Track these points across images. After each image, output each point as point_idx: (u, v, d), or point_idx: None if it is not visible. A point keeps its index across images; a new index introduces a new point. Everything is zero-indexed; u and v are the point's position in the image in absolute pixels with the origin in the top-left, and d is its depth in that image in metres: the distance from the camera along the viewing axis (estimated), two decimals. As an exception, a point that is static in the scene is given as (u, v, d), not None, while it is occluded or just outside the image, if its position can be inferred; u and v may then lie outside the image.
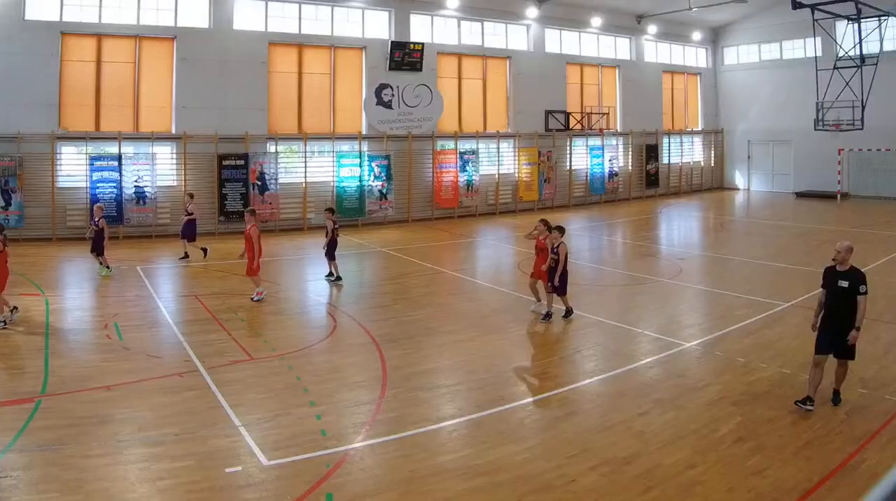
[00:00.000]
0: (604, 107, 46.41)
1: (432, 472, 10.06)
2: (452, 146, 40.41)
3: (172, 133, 33.50)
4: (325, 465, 10.15)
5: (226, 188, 33.97)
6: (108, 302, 20.37)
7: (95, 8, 31.91)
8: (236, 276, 23.22)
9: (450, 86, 41.06)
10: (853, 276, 11.96)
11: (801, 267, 24.60)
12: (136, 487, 9.56)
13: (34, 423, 11.41)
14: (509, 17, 42.74)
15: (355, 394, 13.13)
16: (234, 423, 11.60)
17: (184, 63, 33.56)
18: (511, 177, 42.82)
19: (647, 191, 49.11)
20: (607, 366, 14.74)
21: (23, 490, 9.31)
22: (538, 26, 43.76)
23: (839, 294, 12.00)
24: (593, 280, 23.89)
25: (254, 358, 15.07)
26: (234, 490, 9.56)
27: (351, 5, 37.72)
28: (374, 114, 38.23)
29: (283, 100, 36.31)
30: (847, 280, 11.95)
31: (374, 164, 37.57)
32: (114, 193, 31.93)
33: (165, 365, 14.52)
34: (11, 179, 30.17)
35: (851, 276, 11.97)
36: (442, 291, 22.41)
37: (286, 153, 36.32)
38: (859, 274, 11.98)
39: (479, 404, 12.63)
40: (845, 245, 12.11)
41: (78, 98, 32.00)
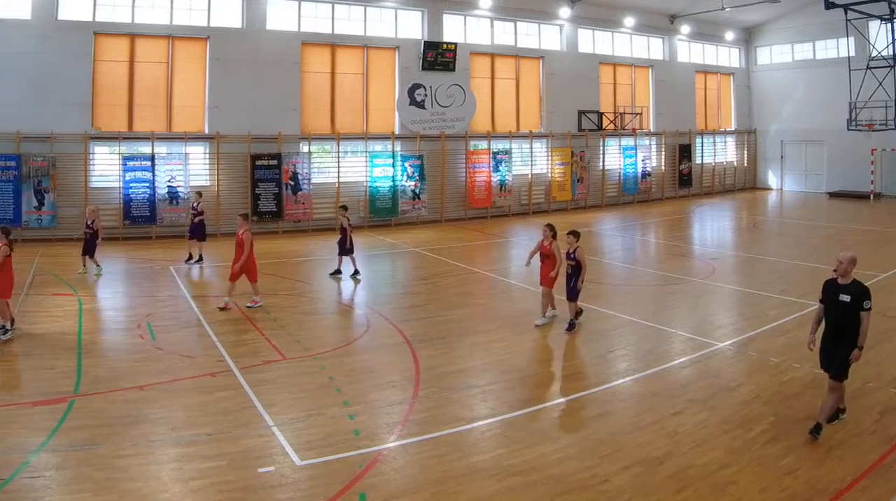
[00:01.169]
0: (637, 107, 44.76)
1: (465, 472, 9.81)
2: (485, 146, 38.94)
3: (205, 133, 32.33)
4: (358, 465, 9.90)
5: (259, 188, 32.72)
6: (141, 303, 19.68)
7: (128, 8, 30.78)
8: (268, 276, 22.40)
9: (483, 86, 39.57)
10: (856, 290, 10.74)
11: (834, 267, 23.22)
12: (168, 487, 9.34)
13: (67, 423, 11.13)
14: (542, 17, 41.17)
15: (388, 394, 12.76)
16: (267, 423, 11.32)
17: (217, 63, 32.36)
18: (544, 177, 41.27)
19: (680, 191, 47.32)
20: (640, 366, 14.28)
21: (56, 491, 9.10)
22: (571, 26, 42.16)
23: (840, 309, 10.80)
24: (626, 279, 23.13)
25: (287, 358, 14.64)
26: (267, 490, 9.33)
27: (384, 5, 36.39)
28: (407, 114, 36.86)
29: (315, 100, 35.03)
30: (849, 294, 10.73)
31: (406, 164, 36.25)
32: (147, 193, 30.78)
33: (198, 365, 14.15)
34: (44, 179, 29.09)
35: (854, 290, 10.74)
36: (475, 291, 21.69)
37: (319, 153, 35.06)
38: (863, 289, 10.75)
39: (512, 404, 12.31)
40: (848, 256, 10.90)
41: (111, 98, 30.88)
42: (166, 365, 14.10)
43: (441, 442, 10.71)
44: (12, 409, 11.66)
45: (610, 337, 16.34)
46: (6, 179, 28.57)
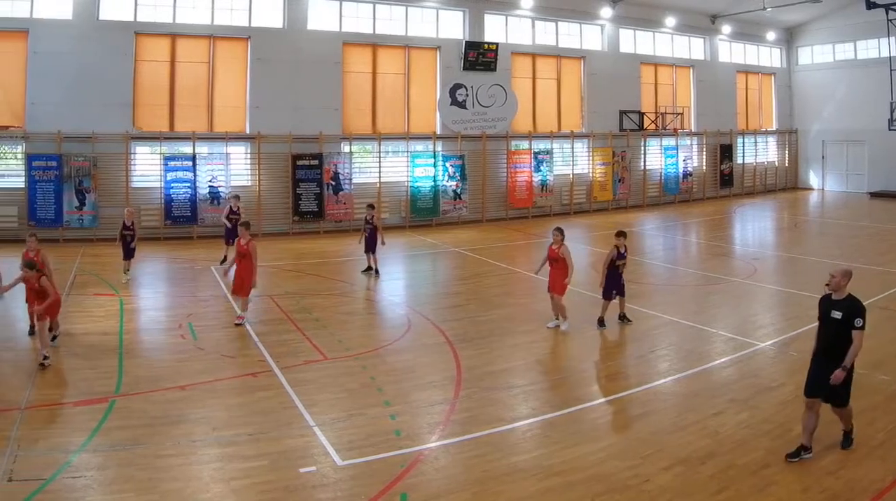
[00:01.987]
0: (678, 107, 42.65)
1: (506, 472, 9.56)
2: (527, 146, 37.26)
3: (246, 133, 30.92)
4: (400, 465, 9.67)
5: (300, 188, 31.31)
6: (183, 303, 19.09)
7: (169, 8, 29.49)
8: (310, 276, 22.21)
9: (524, 86, 37.72)
10: (849, 307, 9.72)
11: (875, 267, 22.98)
12: (210, 487, 9.12)
13: (108, 423, 10.86)
14: (583, 17, 39.29)
15: (429, 394, 12.42)
16: (309, 423, 11.04)
17: (258, 63, 30.94)
18: (585, 176, 39.40)
19: (721, 191, 45.19)
20: (681, 366, 13.92)
21: (97, 490, 8.87)
22: (612, 26, 40.25)
23: (832, 326, 9.80)
24: (667, 279, 22.50)
25: (328, 358, 14.29)
26: (308, 490, 9.09)
27: (425, 5, 34.80)
28: (449, 114, 35.26)
29: (357, 100, 33.48)
30: (841, 310, 9.72)
31: (448, 164, 34.64)
32: (188, 193, 29.46)
33: (239, 365, 13.88)
34: (86, 179, 27.89)
35: (847, 306, 9.73)
36: (516, 291, 20.92)
37: (360, 153, 33.63)
38: (856, 305, 9.74)
39: (554, 404, 12.05)
40: (840, 269, 9.91)
41: (152, 98, 29.56)
42: (207, 365, 13.76)
43: (482, 442, 10.43)
44: (54, 409, 11.25)
45: (651, 337, 15.86)
46: (47, 179, 27.38)
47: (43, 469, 9.24)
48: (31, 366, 13.31)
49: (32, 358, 13.71)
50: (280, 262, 24.68)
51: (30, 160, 27.30)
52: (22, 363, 13.68)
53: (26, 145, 27.40)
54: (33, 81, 27.41)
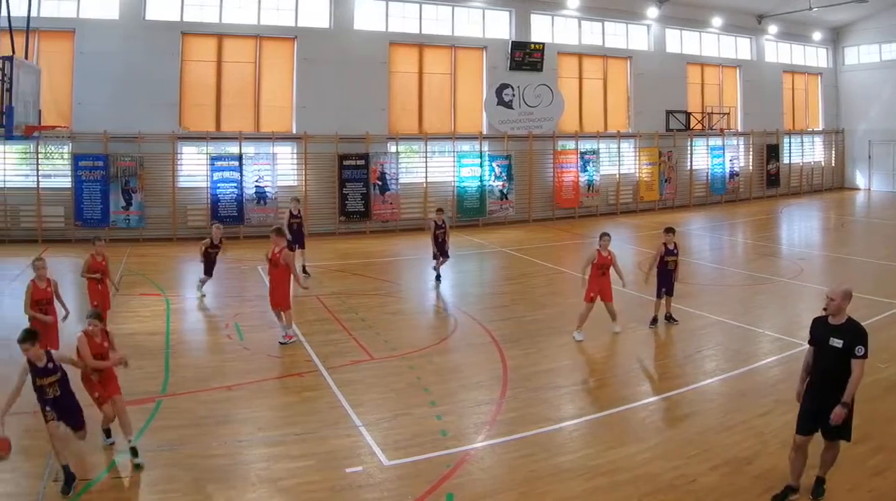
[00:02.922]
0: (724, 107, 39.95)
1: (552, 472, 9.11)
2: (573, 146, 35.00)
3: (293, 133, 29.15)
4: (446, 465, 9.23)
5: (346, 188, 29.50)
6: (229, 303, 18.14)
7: (216, 8, 27.83)
8: (356, 276, 21.28)
9: (570, 86, 35.42)
10: (851, 333, 8.02)
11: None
12: (256, 487, 8.75)
13: (155, 423, 10.49)
14: (630, 17, 36.87)
15: (476, 394, 11.86)
16: (355, 423, 10.55)
17: (304, 63, 29.17)
18: (632, 176, 37.04)
19: (768, 191, 42.37)
20: (728, 366, 13.24)
21: (143, 491, 8.62)
22: (659, 26, 37.77)
23: (831, 355, 8.08)
24: (714, 280, 21.24)
25: (374, 358, 13.62)
26: (355, 490, 8.71)
27: (471, 5, 32.72)
28: (495, 114, 33.15)
29: (403, 100, 31.55)
30: (842, 337, 8.02)
31: (494, 164, 32.59)
32: (234, 193, 27.77)
33: (286, 365, 13.30)
34: (132, 179, 26.34)
35: (848, 333, 8.03)
36: (562, 291, 19.48)
37: (407, 153, 31.70)
38: (858, 331, 8.04)
39: (600, 404, 11.51)
40: (841, 290, 8.13)
41: (198, 98, 27.93)
42: (254, 365, 13.18)
43: (528, 443, 9.94)
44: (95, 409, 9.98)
45: (698, 337, 15.10)
46: (94, 179, 25.87)
47: (89, 469, 8.85)
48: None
49: None
50: (326, 262, 23.36)
51: (76, 160, 25.83)
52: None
53: (73, 145, 25.92)
54: (80, 82, 25.91)
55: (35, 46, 24.65)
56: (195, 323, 16.54)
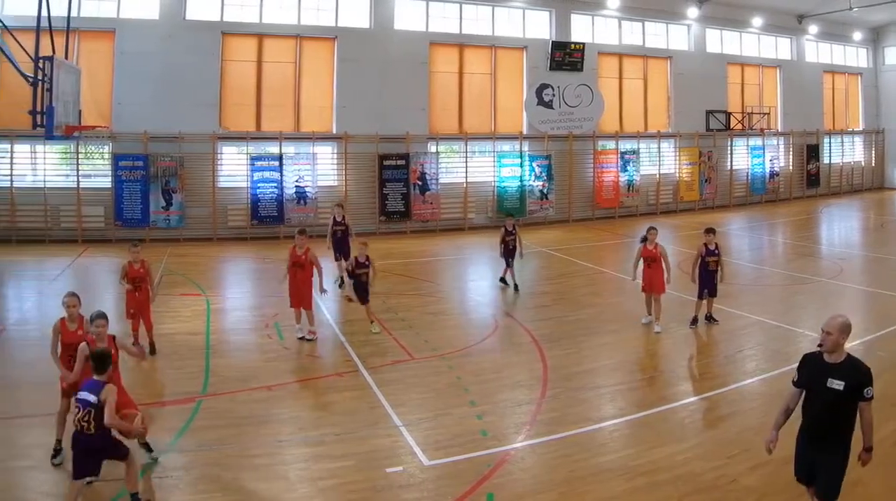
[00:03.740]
0: (764, 107, 37.50)
1: (592, 472, 8.50)
2: (613, 146, 32.78)
3: (333, 133, 27.38)
4: (486, 465, 8.63)
5: (386, 188, 27.69)
6: (269, 302, 16.78)
7: (256, 8, 26.20)
8: (396, 276, 19.85)
9: (610, 86, 33.24)
10: (853, 373, 6.41)
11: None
12: (296, 487, 8.18)
13: (195, 423, 9.88)
14: (670, 17, 34.52)
15: (516, 394, 11.20)
16: (395, 423, 9.97)
17: (345, 63, 27.39)
18: (672, 176, 34.69)
19: (808, 191, 39.71)
20: (768, 366, 12.42)
21: (183, 490, 8.01)
22: (699, 26, 35.37)
23: (830, 398, 6.42)
24: (754, 280, 19.90)
25: (415, 358, 12.85)
26: (395, 490, 8.12)
27: (512, 5, 30.72)
28: (535, 114, 31.10)
29: (443, 99, 29.61)
30: (843, 379, 6.37)
31: (534, 164, 30.56)
32: (274, 193, 26.09)
33: (326, 365, 12.65)
34: (172, 179, 24.78)
35: (850, 373, 6.41)
36: (603, 291, 18.66)
37: (447, 153, 29.74)
38: (862, 371, 6.43)
39: (640, 404, 10.77)
40: (837, 323, 6.52)
41: (238, 98, 26.27)
42: (294, 365, 12.54)
43: (569, 443, 9.41)
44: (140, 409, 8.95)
45: (738, 337, 14.18)
46: (134, 179, 24.35)
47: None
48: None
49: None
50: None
51: (116, 160, 24.32)
52: None
53: (113, 145, 24.41)
54: (120, 81, 24.40)
55: (75, 46, 23.21)
56: (235, 323, 15.45)
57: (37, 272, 20.59)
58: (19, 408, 10.29)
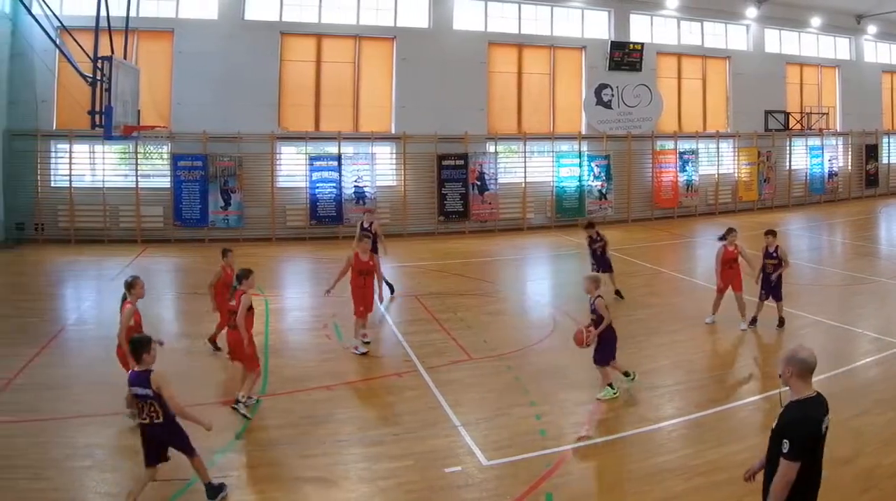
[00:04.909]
0: (823, 107, 33.31)
1: (651, 472, 7.54)
2: (672, 146, 29.14)
3: (392, 133, 24.44)
4: (545, 465, 7.69)
5: (445, 188, 24.66)
6: (327, 302, 14.38)
7: (315, 8, 23.46)
8: (455, 276, 17.93)
9: (669, 86, 29.49)
10: (784, 416, 4.85)
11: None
12: (355, 487, 7.38)
13: (255, 423, 8.86)
14: (729, 17, 30.62)
15: (574, 394, 9.89)
16: (454, 423, 8.88)
17: (403, 63, 24.43)
18: (730, 176, 30.77)
19: (867, 191, 35.19)
20: (826, 366, 9.83)
21: (242, 490, 7.25)
22: (758, 26, 31.44)
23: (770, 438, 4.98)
24: (813, 280, 17.87)
25: (473, 358, 11.56)
26: (454, 490, 7.31)
27: (570, 5, 27.34)
28: (594, 114, 27.69)
29: (502, 100, 26.34)
30: (778, 419, 4.91)
31: (593, 164, 27.16)
32: (333, 193, 23.31)
33: (385, 365, 11.37)
34: (231, 179, 22.18)
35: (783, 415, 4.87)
36: (662, 291, 16.79)
37: (505, 153, 26.48)
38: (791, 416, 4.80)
39: (699, 404, 9.51)
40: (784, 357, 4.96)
41: (297, 98, 23.47)
42: (353, 365, 11.32)
43: (627, 442, 8.41)
44: (199, 409, 7.96)
45: (796, 337, 12.50)
46: (193, 179, 21.81)
47: (188, 469, 6.99)
48: (176, 367, 9.80)
49: (177, 359, 10.68)
50: (425, 262, 19.57)
51: (175, 160, 21.79)
52: (167, 364, 9.35)
53: (172, 145, 21.89)
54: (178, 81, 21.84)
55: (134, 46, 20.80)
56: (294, 323, 13.91)
57: (95, 272, 18.45)
58: (77, 408, 9.19)
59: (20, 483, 7.20)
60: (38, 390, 9.75)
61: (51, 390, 9.87)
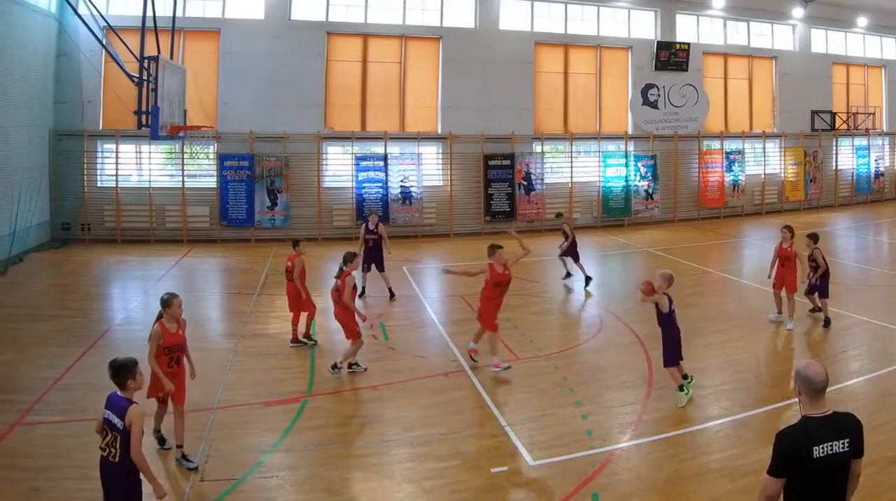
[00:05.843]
0: (869, 107, 29.88)
1: (697, 472, 6.76)
2: (718, 146, 26.05)
3: (438, 133, 21.93)
4: (591, 465, 6.89)
5: (491, 188, 22.09)
6: (374, 302, 13.56)
7: (361, 8, 21.11)
8: None
9: (715, 86, 26.35)
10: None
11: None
12: (402, 487, 6.60)
13: (300, 423, 7.85)
14: (775, 17, 27.37)
15: (621, 394, 8.78)
16: (500, 423, 7.86)
17: (450, 63, 21.89)
18: (777, 176, 27.49)
19: (913, 191, 32.11)
20: (873, 366, 9.64)
21: (289, 490, 6.47)
22: (804, 26, 28.19)
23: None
24: (859, 280, 15.94)
25: (520, 358, 10.08)
26: (500, 490, 6.59)
27: (617, 5, 24.53)
28: (640, 114, 24.80)
29: (548, 100, 23.57)
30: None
31: (639, 164, 24.26)
32: (379, 193, 20.97)
33: (431, 365, 9.90)
34: (277, 179, 19.95)
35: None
36: (708, 291, 15.03)
37: (552, 153, 23.74)
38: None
39: (745, 404, 8.38)
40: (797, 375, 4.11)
41: (343, 98, 21.05)
42: (399, 365, 9.93)
43: (673, 443, 7.36)
44: (245, 409, 7.87)
45: (843, 337, 11.10)
46: (239, 179, 19.62)
47: (235, 469, 6.63)
48: (221, 366, 9.55)
49: (222, 358, 9.99)
50: (471, 262, 16.94)
51: (221, 160, 19.59)
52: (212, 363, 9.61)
53: (218, 145, 19.73)
54: (225, 81, 19.65)
55: (180, 46, 18.76)
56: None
57: (142, 272, 16.55)
58: None
59: (67, 483, 6.37)
60: (85, 390, 8.65)
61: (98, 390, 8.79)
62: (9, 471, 6.55)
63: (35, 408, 8.05)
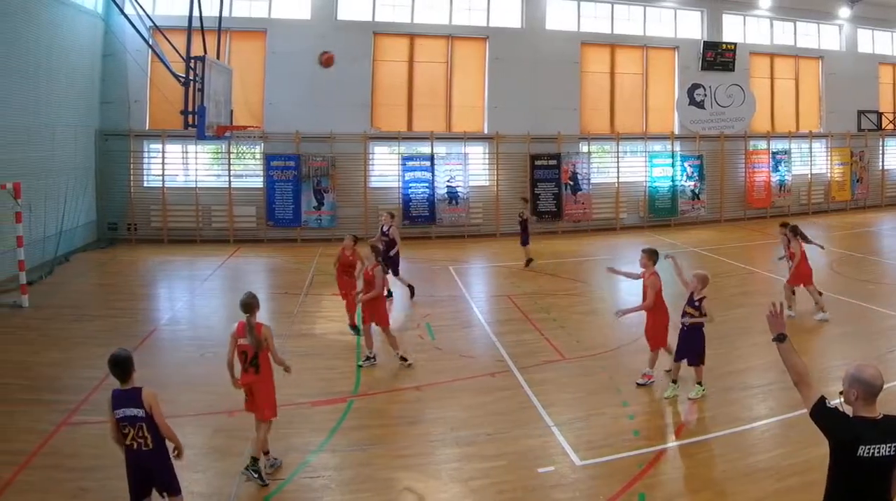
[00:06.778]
0: (916, 108, 27.17)
1: (745, 472, 5.98)
2: (765, 146, 23.06)
3: (484, 133, 19.53)
4: (637, 465, 6.13)
5: (538, 188, 19.65)
6: (420, 302, 12.12)
7: (407, 8, 18.81)
8: (548, 276, 14.39)
9: (762, 86, 23.32)
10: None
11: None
12: (448, 487, 5.91)
13: (346, 423, 7.08)
14: (821, 17, 24.27)
15: None
16: (547, 423, 7.02)
17: (496, 63, 19.48)
18: (823, 176, 24.38)
19: (960, 191, 28.70)
20: None
21: (335, 490, 5.82)
22: (850, 26, 25.04)
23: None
24: None
25: (566, 358, 9.00)
26: (546, 490, 5.86)
27: (663, 5, 21.79)
28: (687, 114, 22.01)
29: (594, 100, 20.95)
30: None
31: (686, 164, 21.53)
32: (426, 193, 18.64)
33: (477, 365, 8.83)
34: (324, 179, 17.78)
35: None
36: (755, 291, 13.08)
37: (598, 153, 21.18)
38: None
39: (792, 404, 6.93)
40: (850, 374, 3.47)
41: (390, 98, 18.77)
42: (445, 365, 8.84)
43: (720, 443, 6.60)
44: (291, 409, 6.99)
45: (889, 337, 9.58)
46: (286, 179, 17.52)
47: (282, 469, 5.99)
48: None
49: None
50: (518, 262, 15.51)
51: (268, 160, 17.51)
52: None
53: (264, 145, 17.67)
54: (271, 81, 17.54)
55: (227, 46, 16.70)
56: None
57: (188, 272, 14.80)
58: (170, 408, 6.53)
59: (111, 483, 5.57)
60: (130, 390, 7.26)
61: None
62: (55, 471, 5.96)
63: (81, 409, 7.26)
